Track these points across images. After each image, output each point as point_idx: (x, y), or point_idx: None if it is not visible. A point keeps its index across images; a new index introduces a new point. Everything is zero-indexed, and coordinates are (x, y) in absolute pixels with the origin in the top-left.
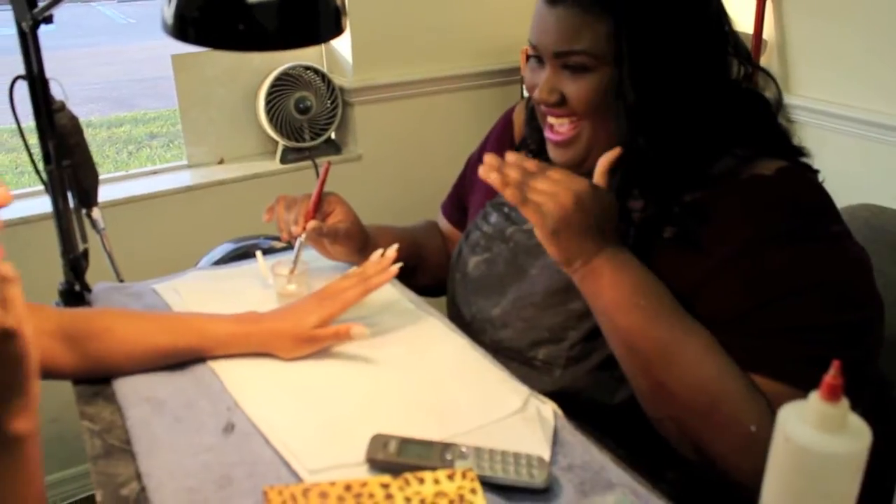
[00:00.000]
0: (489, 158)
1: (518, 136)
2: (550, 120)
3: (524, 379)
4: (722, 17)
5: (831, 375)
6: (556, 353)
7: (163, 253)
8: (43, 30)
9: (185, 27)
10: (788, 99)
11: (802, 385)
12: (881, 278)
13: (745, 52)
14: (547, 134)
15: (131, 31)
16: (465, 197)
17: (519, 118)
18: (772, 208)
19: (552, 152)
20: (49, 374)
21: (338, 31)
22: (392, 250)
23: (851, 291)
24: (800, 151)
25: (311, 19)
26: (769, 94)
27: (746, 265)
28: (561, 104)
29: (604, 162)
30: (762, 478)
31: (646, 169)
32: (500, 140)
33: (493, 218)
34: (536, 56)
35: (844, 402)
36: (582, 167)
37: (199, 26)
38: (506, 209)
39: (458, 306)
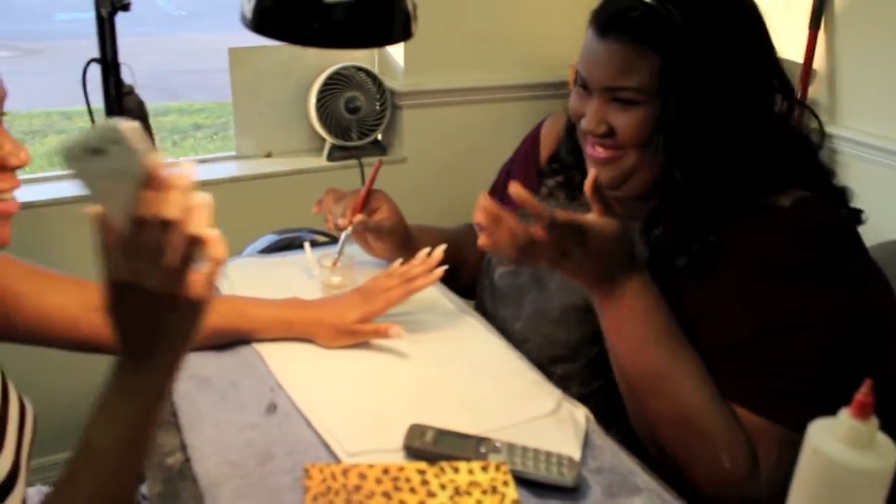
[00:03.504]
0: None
1: (545, 155)
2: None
3: None
4: (769, 50)
5: (863, 393)
6: (573, 371)
7: None
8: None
9: (263, 21)
10: (835, 130)
11: (782, 420)
12: None
13: (789, 87)
14: (589, 151)
15: (182, 23)
16: None
17: (547, 136)
18: (781, 239)
19: (594, 168)
20: (98, 347)
21: (407, 35)
22: (439, 251)
23: (857, 328)
24: (840, 190)
25: (384, 21)
26: (813, 126)
27: (749, 296)
28: (609, 135)
29: (588, 190)
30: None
31: (679, 202)
32: (527, 158)
33: None
34: (584, 85)
35: (874, 420)
36: (621, 188)
37: (277, 21)
38: (531, 221)
39: (486, 313)
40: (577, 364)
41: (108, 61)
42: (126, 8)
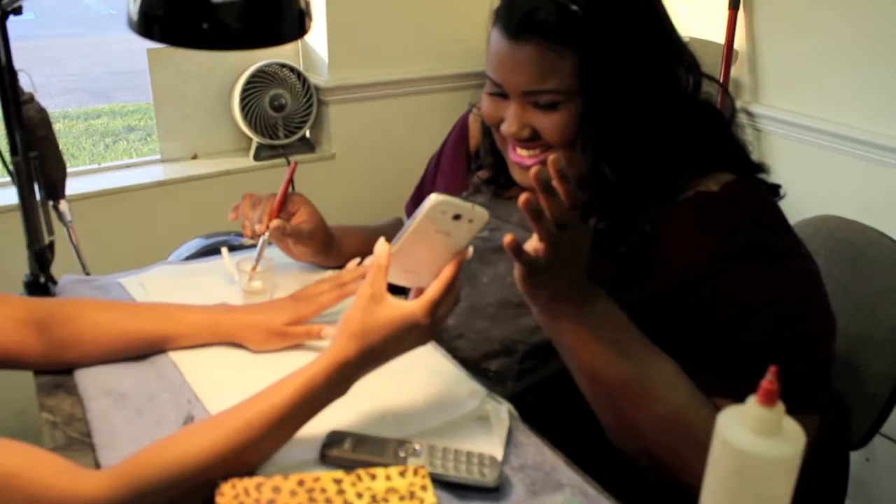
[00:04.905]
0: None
1: (473, 143)
2: (519, 149)
3: None
4: (670, 27)
5: (768, 381)
6: (508, 366)
7: (133, 247)
8: (20, 19)
9: (149, 24)
10: (758, 109)
11: None
12: (841, 289)
13: (693, 61)
14: (512, 157)
15: (113, 23)
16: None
17: (474, 125)
18: (716, 229)
19: (518, 175)
20: (18, 363)
21: (301, 32)
22: (369, 260)
23: (798, 308)
24: (757, 167)
25: (275, 20)
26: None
27: (698, 291)
28: (533, 138)
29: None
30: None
31: (609, 194)
32: (455, 146)
33: None
34: (500, 92)
35: (780, 407)
36: None
37: (164, 24)
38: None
39: None
40: (511, 359)
41: (3, 68)
42: (18, 12)
